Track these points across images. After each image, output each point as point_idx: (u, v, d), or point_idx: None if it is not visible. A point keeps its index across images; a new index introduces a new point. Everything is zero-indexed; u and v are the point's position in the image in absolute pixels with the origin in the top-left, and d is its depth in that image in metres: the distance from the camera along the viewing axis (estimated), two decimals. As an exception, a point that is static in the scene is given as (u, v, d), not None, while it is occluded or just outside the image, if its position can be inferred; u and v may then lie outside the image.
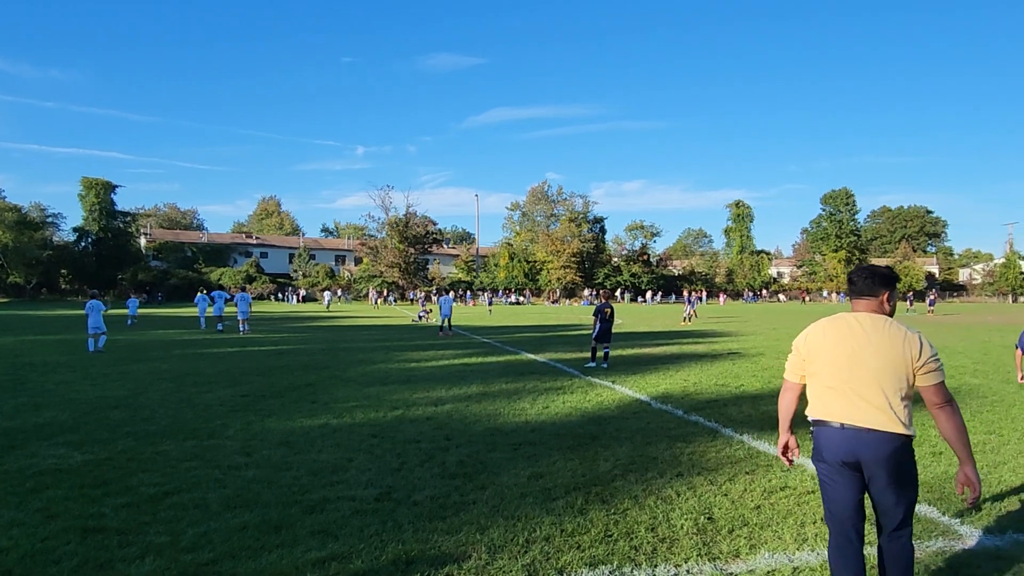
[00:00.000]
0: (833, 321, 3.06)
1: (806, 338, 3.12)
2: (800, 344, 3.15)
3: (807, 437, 3.40)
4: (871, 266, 3.10)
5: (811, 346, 3.07)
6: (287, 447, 6.30)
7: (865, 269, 3.09)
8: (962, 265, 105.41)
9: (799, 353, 3.15)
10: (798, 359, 3.16)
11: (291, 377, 11.22)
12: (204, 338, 20.10)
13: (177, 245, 74.61)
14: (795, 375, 3.21)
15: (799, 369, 3.17)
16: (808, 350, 3.09)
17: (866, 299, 3.03)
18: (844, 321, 3.02)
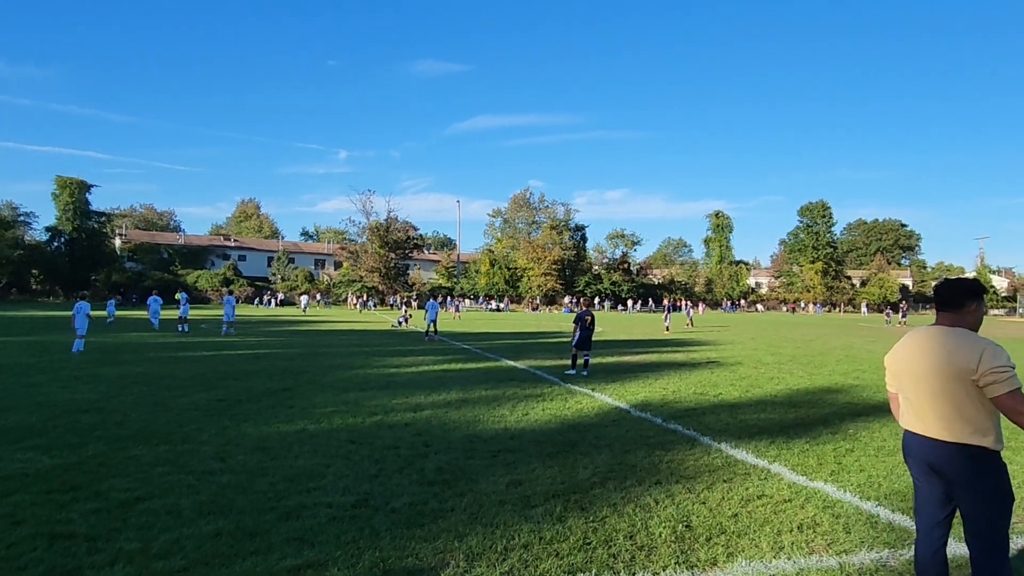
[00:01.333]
0: (914, 335, 3.20)
1: (893, 352, 3.29)
2: (888, 359, 3.33)
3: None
4: (953, 280, 3.16)
5: (894, 359, 3.25)
6: (263, 453, 6.21)
7: (946, 283, 3.15)
8: (935, 278, 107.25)
9: (888, 365, 3.34)
10: (888, 371, 3.36)
11: (268, 382, 11.08)
12: (179, 341, 19.78)
13: (153, 246, 73.46)
14: (891, 385, 3.36)
15: (891, 379, 3.34)
16: (891, 363, 3.28)
17: (948, 312, 3.09)
18: (921, 335, 3.14)
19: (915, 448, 3.09)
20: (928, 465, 3.02)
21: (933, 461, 2.98)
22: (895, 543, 4.17)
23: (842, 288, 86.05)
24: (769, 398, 10.02)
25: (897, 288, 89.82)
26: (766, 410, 8.97)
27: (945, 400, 2.90)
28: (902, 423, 3.20)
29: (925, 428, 3.01)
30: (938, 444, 2.95)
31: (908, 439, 3.15)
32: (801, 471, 5.82)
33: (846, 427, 7.81)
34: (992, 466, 2.85)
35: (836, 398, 10.13)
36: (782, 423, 8.03)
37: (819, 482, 5.49)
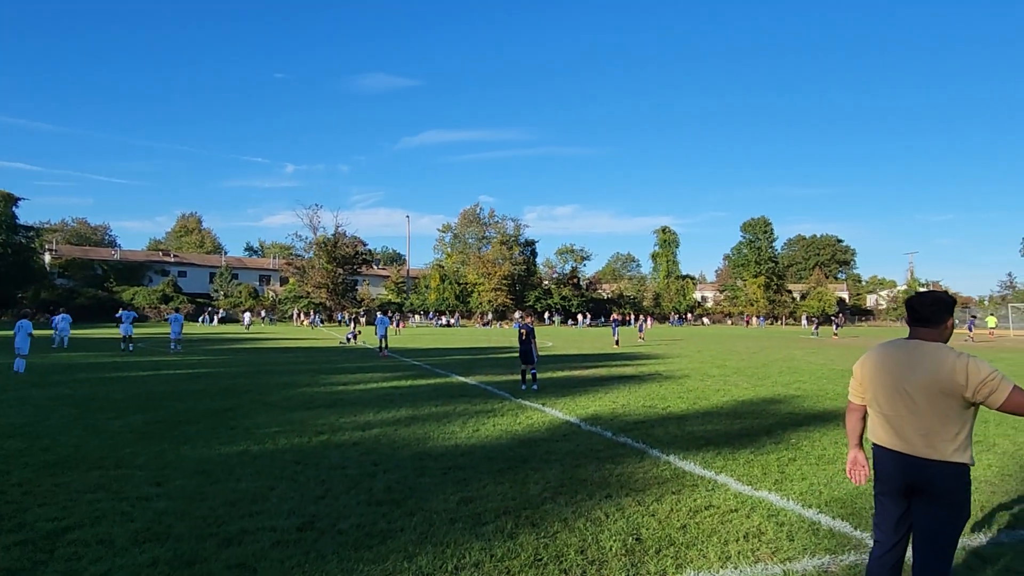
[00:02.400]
0: (887, 347, 3.16)
1: (863, 363, 3.24)
2: (857, 368, 3.27)
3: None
4: (934, 294, 3.12)
5: (866, 372, 3.19)
6: (203, 476, 5.97)
7: (928, 297, 3.09)
8: (869, 291, 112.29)
9: (856, 377, 3.27)
10: (856, 382, 3.28)
11: (209, 402, 10.69)
12: (113, 361, 18.93)
13: (86, 262, 70.34)
14: (855, 397, 3.30)
15: (858, 391, 3.27)
16: (863, 375, 3.21)
17: (927, 327, 3.05)
18: (900, 350, 3.08)
19: (891, 466, 3.03)
20: (907, 484, 2.98)
21: (915, 480, 2.94)
22: (836, 549, 4.29)
23: (783, 301, 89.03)
24: (715, 409, 10.23)
25: (835, 301, 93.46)
26: (712, 421, 9.16)
27: (932, 417, 2.89)
28: (873, 439, 3.14)
29: (907, 446, 2.96)
30: (922, 463, 2.91)
31: (882, 455, 3.09)
32: (746, 481, 5.95)
33: (788, 436, 8.03)
34: (968, 482, 2.90)
35: (779, 408, 10.43)
36: (728, 434, 8.20)
37: (764, 491, 5.61)
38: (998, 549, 4.33)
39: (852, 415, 3.33)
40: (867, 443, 3.29)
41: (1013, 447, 7.46)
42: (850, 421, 3.35)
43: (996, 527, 4.76)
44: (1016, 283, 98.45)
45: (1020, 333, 53.76)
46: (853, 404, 3.31)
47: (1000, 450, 7.31)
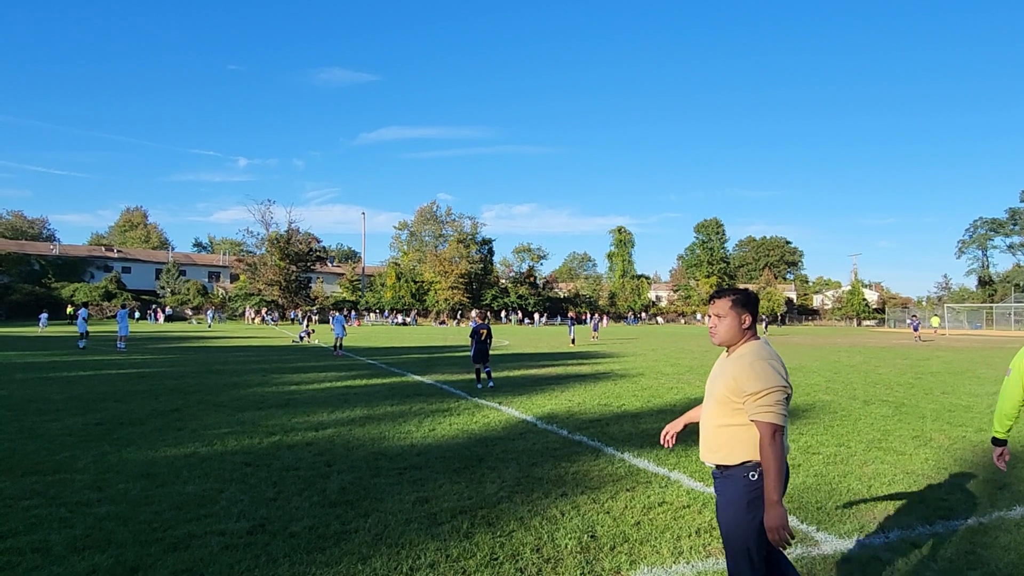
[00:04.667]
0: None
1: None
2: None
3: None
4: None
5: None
6: (148, 479, 5.77)
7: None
8: (816, 291, 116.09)
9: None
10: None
11: (154, 402, 10.34)
12: (52, 360, 18.14)
13: (22, 257, 67.13)
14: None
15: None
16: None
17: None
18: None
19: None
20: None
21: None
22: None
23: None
24: (669, 407, 10.41)
25: (783, 301, 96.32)
26: (667, 419, 9.30)
27: (718, 418, 2.91)
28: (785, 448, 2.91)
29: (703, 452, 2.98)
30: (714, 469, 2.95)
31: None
32: (699, 477, 6.06)
33: (739, 433, 8.21)
34: (743, 493, 2.81)
35: (729, 406, 10.66)
36: (681, 432, 8.33)
37: (715, 487, 5.73)
38: (935, 539, 4.52)
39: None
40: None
41: (948, 441, 7.81)
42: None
43: (933, 518, 4.96)
44: (951, 285, 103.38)
45: (955, 332, 56.44)
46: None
47: (936, 444, 7.64)
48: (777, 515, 2.56)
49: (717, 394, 2.85)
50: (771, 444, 2.60)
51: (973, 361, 21.26)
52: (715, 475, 2.89)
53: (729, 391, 2.77)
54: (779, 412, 2.63)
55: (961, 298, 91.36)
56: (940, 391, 12.71)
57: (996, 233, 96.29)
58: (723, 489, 2.82)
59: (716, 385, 2.88)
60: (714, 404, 2.86)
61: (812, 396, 11.83)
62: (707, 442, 2.89)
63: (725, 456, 2.79)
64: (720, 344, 2.95)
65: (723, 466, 2.81)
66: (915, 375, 16.01)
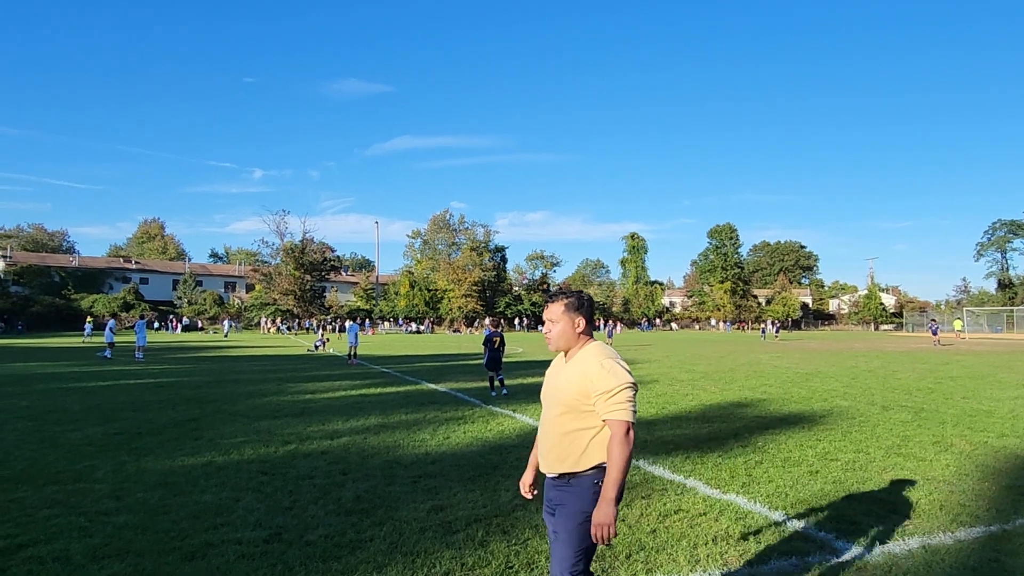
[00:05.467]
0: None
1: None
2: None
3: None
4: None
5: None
6: (165, 488, 5.82)
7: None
8: (831, 296, 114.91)
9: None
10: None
11: (172, 412, 10.44)
12: (71, 371, 18.39)
13: (43, 269, 68.25)
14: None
15: None
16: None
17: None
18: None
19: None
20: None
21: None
22: (802, 551, 4.36)
23: (749, 307, 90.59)
24: (684, 414, 10.34)
25: (799, 306, 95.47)
26: (681, 426, 9.25)
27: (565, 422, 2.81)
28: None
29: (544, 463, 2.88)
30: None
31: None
32: (715, 484, 6.02)
33: (755, 440, 8.15)
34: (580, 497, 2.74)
35: (745, 412, 10.59)
36: (696, 438, 8.29)
37: (732, 494, 5.69)
38: (957, 547, 4.45)
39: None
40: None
41: (969, 447, 7.69)
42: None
43: (955, 525, 4.88)
44: (970, 288, 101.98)
45: (975, 336, 55.62)
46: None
47: (957, 450, 7.52)
48: (609, 513, 2.48)
49: (564, 399, 2.72)
50: (622, 442, 2.54)
51: (994, 365, 20.93)
52: (556, 486, 2.75)
53: (578, 394, 2.67)
54: (631, 409, 2.60)
55: (980, 301, 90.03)
56: (960, 396, 12.52)
57: (1015, 235, 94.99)
58: (567, 499, 2.68)
59: (561, 390, 2.75)
60: (560, 410, 2.73)
61: (830, 402, 11.70)
62: (553, 451, 2.73)
63: (574, 463, 2.67)
64: (556, 349, 2.86)
65: (570, 474, 2.69)
66: (934, 379, 15.79)
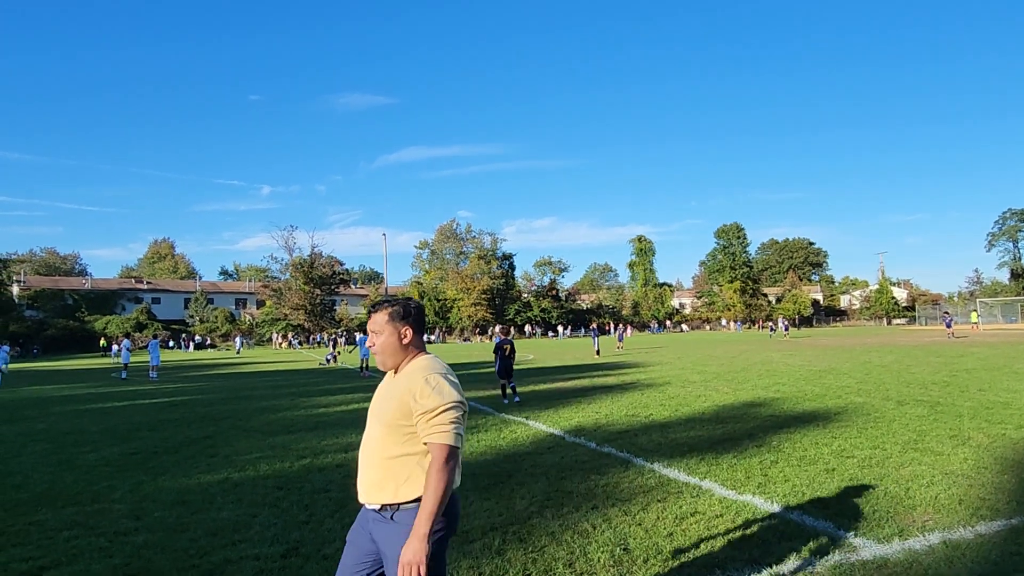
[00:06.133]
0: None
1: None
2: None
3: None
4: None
5: None
6: (183, 507, 5.86)
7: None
8: (842, 292, 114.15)
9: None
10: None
11: (187, 430, 10.51)
12: (88, 393, 18.54)
13: (56, 292, 68.98)
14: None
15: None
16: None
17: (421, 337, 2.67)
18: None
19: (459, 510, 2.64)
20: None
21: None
22: (821, 550, 4.33)
23: (759, 305, 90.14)
24: (697, 415, 10.30)
25: (809, 303, 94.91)
26: (695, 427, 9.22)
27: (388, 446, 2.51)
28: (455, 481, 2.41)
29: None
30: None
31: (457, 501, 2.57)
32: (730, 485, 5.99)
33: (770, 439, 8.11)
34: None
35: (759, 411, 10.53)
36: (711, 439, 8.26)
37: (748, 495, 5.66)
38: (978, 541, 4.41)
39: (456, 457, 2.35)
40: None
41: (987, 440, 7.61)
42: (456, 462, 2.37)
43: (975, 519, 4.84)
44: (983, 279, 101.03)
45: (989, 327, 55.07)
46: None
47: (974, 443, 7.46)
48: (419, 550, 2.17)
49: (386, 419, 2.43)
50: (442, 469, 2.26)
51: (1009, 356, 20.72)
52: (376, 519, 2.43)
53: (401, 414, 2.39)
54: (455, 432, 2.32)
55: (994, 292, 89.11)
56: (976, 388, 12.40)
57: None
58: (389, 535, 2.37)
59: (383, 409, 2.47)
60: (382, 432, 2.44)
61: (844, 398, 11.62)
62: (371, 478, 2.43)
63: (395, 493, 2.37)
64: (382, 364, 2.58)
65: (392, 505, 2.38)
66: (950, 373, 15.65)
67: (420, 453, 2.37)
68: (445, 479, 2.26)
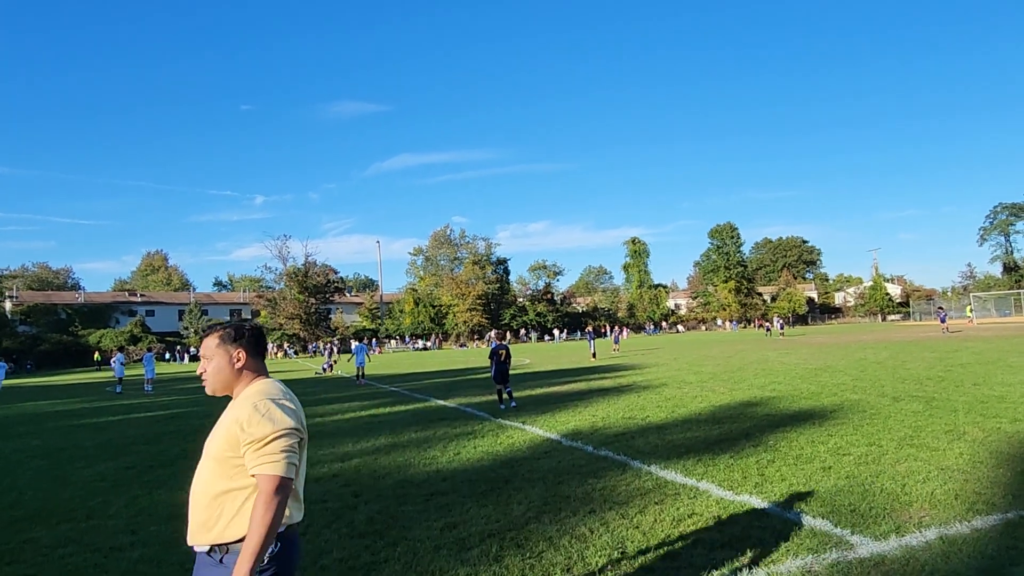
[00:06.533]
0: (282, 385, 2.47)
1: (298, 410, 2.41)
2: (298, 418, 2.37)
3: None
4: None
5: (301, 418, 2.39)
6: (179, 520, 5.80)
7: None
8: (836, 289, 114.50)
9: (300, 428, 2.34)
10: (301, 435, 2.34)
11: (183, 443, 10.45)
12: (82, 407, 18.43)
13: (49, 307, 68.63)
14: (296, 459, 2.29)
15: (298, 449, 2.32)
16: (301, 422, 2.37)
17: (262, 360, 2.52)
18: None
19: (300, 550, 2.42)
20: None
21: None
22: (818, 548, 4.34)
23: (755, 304, 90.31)
24: (694, 416, 10.31)
25: (804, 301, 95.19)
26: (691, 428, 9.22)
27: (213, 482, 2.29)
28: (290, 518, 2.28)
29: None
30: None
31: (295, 540, 2.34)
32: (727, 486, 5.99)
33: (766, 439, 8.12)
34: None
35: (755, 411, 10.55)
36: (707, 440, 8.27)
37: (745, 495, 5.66)
38: (974, 536, 4.42)
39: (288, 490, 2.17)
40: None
41: (983, 434, 7.64)
42: (287, 497, 2.16)
43: (971, 514, 4.85)
44: (976, 273, 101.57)
45: (984, 321, 55.34)
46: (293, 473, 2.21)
47: (970, 438, 7.48)
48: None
49: (212, 452, 2.25)
50: (269, 502, 2.06)
51: (1003, 350, 20.81)
52: (206, 563, 2.20)
53: (228, 445, 2.20)
54: (286, 462, 2.13)
55: (987, 286, 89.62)
56: (971, 383, 12.45)
57: (1018, 218, 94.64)
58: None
59: (211, 441, 2.30)
60: (209, 466, 2.25)
61: (840, 396, 11.65)
62: (199, 518, 2.22)
63: (222, 532, 2.16)
64: (213, 392, 2.43)
65: (220, 546, 2.17)
66: (944, 368, 15.71)
67: (250, 487, 2.18)
68: (271, 514, 2.05)
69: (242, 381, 2.39)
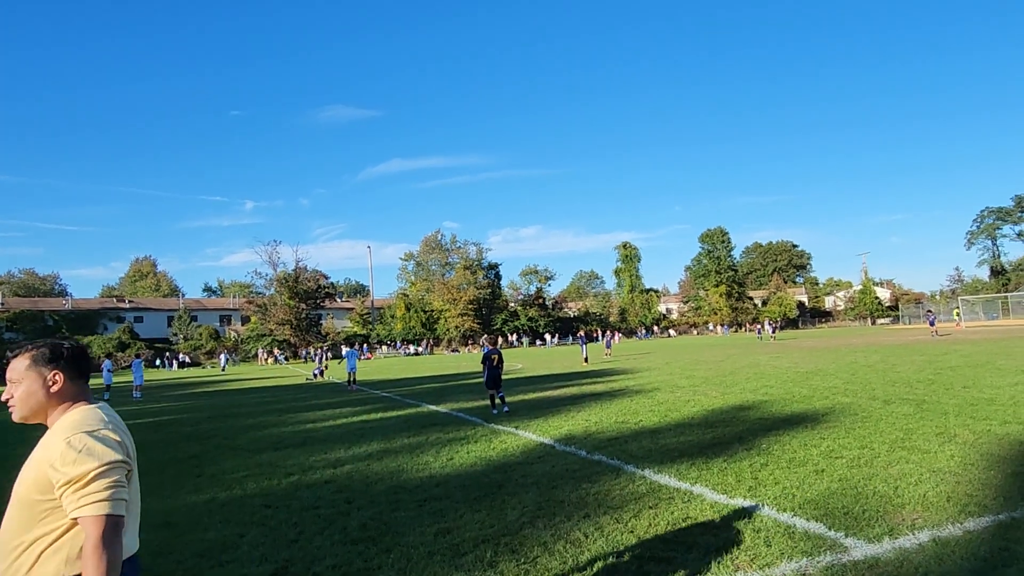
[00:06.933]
0: (109, 411, 2.19)
1: (119, 431, 2.14)
2: (120, 441, 2.10)
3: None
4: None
5: (125, 443, 2.14)
6: (168, 529, 5.76)
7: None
8: (827, 293, 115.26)
9: (124, 457, 2.07)
10: (126, 463, 2.07)
11: (172, 450, 10.35)
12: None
13: (35, 314, 67.88)
14: (125, 490, 2.03)
15: (126, 480, 2.06)
16: (125, 447, 2.12)
17: (86, 383, 2.23)
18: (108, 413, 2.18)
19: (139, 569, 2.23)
20: None
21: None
22: (812, 551, 4.34)
23: (746, 308, 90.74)
24: (687, 420, 10.31)
25: (794, 305, 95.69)
26: (685, 433, 9.22)
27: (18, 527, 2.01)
28: (127, 549, 2.02)
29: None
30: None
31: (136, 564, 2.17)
32: (721, 490, 5.99)
33: (759, 442, 8.13)
34: None
35: (748, 415, 10.57)
36: (700, 444, 8.27)
37: (739, 499, 5.66)
38: (967, 537, 4.43)
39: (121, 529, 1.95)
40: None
41: (973, 436, 7.68)
42: (120, 533, 1.94)
43: (963, 516, 4.87)
44: (963, 277, 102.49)
45: (972, 324, 55.80)
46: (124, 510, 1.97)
47: (961, 440, 7.52)
48: None
49: (19, 493, 1.96)
50: (96, 548, 1.80)
51: (992, 353, 20.99)
52: None
53: (36, 488, 1.92)
54: (113, 498, 1.88)
55: (975, 289, 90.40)
56: (961, 385, 12.53)
57: (1004, 222, 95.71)
58: None
59: (20, 483, 1.99)
60: (13, 511, 1.96)
61: (831, 399, 11.69)
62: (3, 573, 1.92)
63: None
64: (23, 420, 2.13)
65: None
66: (934, 371, 15.82)
67: (56, 532, 1.91)
68: (107, 559, 1.80)
69: (59, 408, 2.09)
